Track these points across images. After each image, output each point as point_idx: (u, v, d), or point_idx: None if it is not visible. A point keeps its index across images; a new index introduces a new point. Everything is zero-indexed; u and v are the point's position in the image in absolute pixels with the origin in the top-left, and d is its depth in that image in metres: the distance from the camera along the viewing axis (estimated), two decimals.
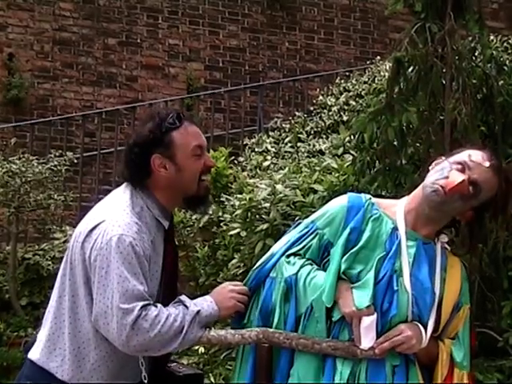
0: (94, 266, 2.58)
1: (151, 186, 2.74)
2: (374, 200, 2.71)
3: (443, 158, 2.70)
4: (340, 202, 2.71)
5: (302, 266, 2.64)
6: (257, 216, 5.03)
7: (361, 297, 2.53)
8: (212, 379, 5.03)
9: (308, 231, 2.69)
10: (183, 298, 2.70)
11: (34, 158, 7.33)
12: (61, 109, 10.16)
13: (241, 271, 5.20)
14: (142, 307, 2.54)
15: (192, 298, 2.73)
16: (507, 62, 5.20)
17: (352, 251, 2.58)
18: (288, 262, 2.66)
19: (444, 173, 2.60)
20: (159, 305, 2.61)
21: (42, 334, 2.73)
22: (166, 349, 2.60)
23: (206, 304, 2.68)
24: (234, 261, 5.28)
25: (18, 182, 7.05)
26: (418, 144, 4.75)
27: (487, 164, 2.61)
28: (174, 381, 2.80)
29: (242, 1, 11.10)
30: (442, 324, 2.62)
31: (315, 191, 4.87)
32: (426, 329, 2.55)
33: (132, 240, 2.57)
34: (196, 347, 5.12)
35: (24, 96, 9.98)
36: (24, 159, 7.22)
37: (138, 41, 10.63)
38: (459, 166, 2.60)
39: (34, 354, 2.72)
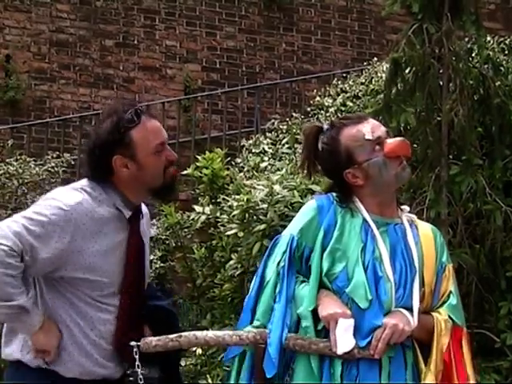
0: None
1: (114, 182, 2.73)
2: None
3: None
4: (309, 206, 2.72)
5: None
6: (254, 217, 5.03)
7: (360, 292, 2.53)
8: (210, 380, 5.03)
9: (288, 245, 2.66)
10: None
11: (31, 160, 7.31)
12: (58, 110, 10.15)
13: (238, 272, 5.20)
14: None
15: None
16: (504, 62, 5.22)
17: (327, 252, 2.59)
18: None
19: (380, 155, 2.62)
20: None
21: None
22: None
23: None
24: (231, 262, 5.28)
25: (15, 183, 7.03)
26: (415, 145, 4.76)
27: (368, 120, 2.67)
28: None
29: (239, 2, 11.09)
30: (429, 292, 2.63)
31: (313, 192, 4.88)
32: (412, 310, 2.55)
33: (67, 203, 2.62)
34: (194, 349, 5.11)
35: (21, 97, 9.98)
36: (21, 161, 7.20)
37: (135, 42, 10.62)
38: (380, 138, 2.63)
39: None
